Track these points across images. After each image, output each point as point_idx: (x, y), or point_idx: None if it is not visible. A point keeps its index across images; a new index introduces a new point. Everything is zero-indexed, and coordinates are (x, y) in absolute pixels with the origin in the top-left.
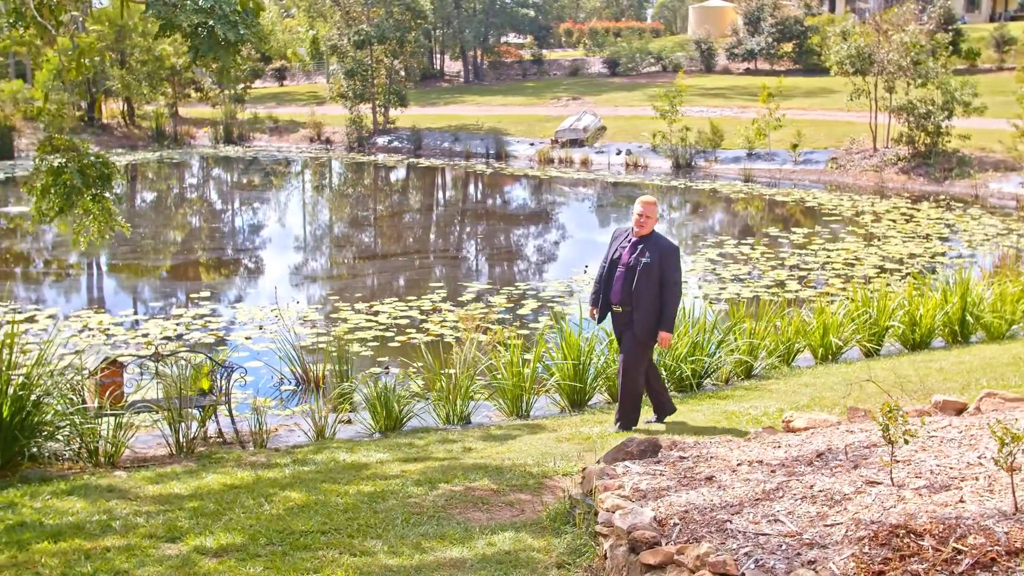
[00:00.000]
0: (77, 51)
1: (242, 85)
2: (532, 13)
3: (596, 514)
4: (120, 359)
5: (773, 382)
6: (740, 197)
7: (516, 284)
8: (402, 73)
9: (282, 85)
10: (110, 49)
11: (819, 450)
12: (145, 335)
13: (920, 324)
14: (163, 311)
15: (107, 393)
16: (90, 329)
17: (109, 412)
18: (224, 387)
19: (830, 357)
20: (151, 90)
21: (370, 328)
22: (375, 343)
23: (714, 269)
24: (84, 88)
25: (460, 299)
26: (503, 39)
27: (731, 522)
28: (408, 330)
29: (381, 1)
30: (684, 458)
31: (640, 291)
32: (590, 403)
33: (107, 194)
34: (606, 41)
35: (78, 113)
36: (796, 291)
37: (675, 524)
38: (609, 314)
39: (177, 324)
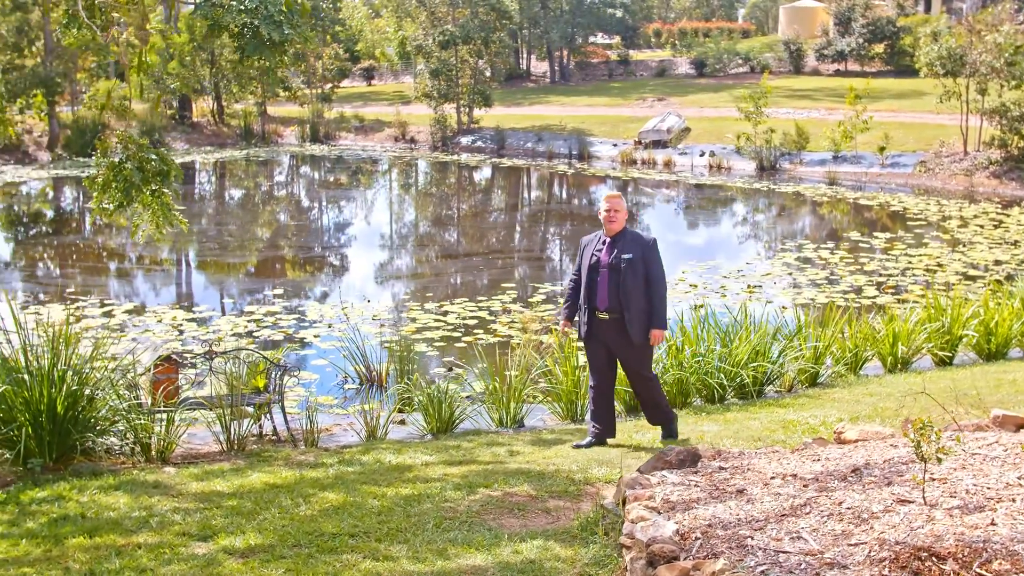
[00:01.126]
0: (137, 49)
1: (329, 85)
2: (620, 13)
3: (623, 524)
4: (175, 356)
5: (837, 391)
6: (823, 200)
7: None
8: (487, 73)
9: (370, 84)
10: (202, 48)
11: (856, 465)
12: (217, 331)
13: (996, 333)
14: (238, 308)
15: (161, 389)
16: (163, 324)
17: (159, 409)
18: (277, 386)
19: (900, 366)
20: (240, 89)
21: (438, 328)
22: (441, 343)
23: (791, 273)
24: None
25: (531, 300)
26: (590, 39)
27: (752, 538)
28: (476, 331)
29: (467, 1)
30: (724, 468)
31: (629, 291)
32: None
33: (166, 189)
34: (694, 42)
35: (170, 111)
36: (874, 297)
37: (696, 538)
38: (587, 327)
39: (248, 321)
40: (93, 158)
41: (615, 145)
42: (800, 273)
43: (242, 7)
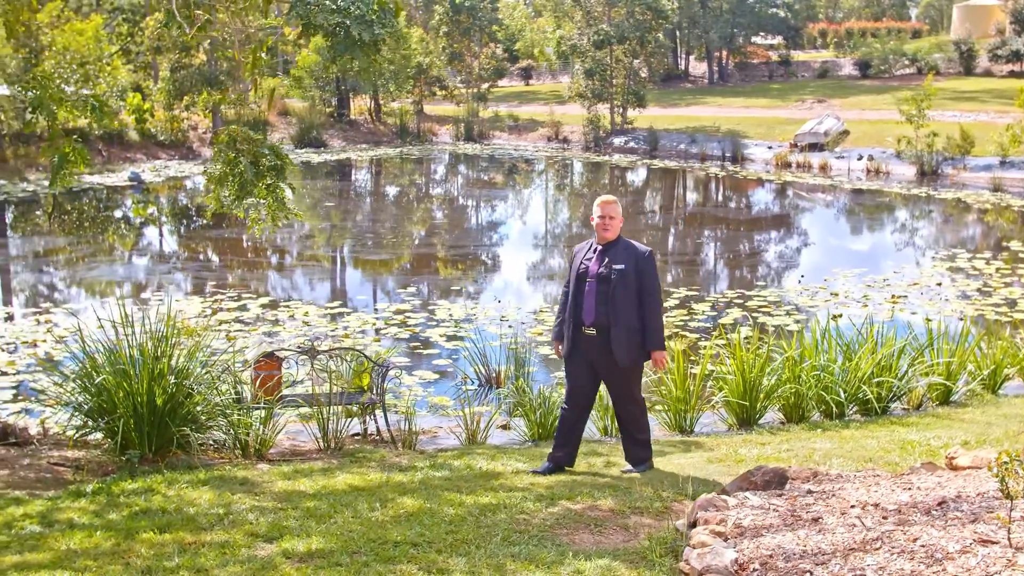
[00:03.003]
0: (253, 47)
1: (486, 84)
2: (782, 13)
3: (685, 549)
4: (278, 353)
5: (970, 411)
6: (985, 208)
7: (724, 292)
8: (643, 73)
9: (527, 84)
10: None
11: (944, 497)
12: (345, 327)
13: None
14: (372, 304)
15: (262, 386)
16: (295, 320)
17: (256, 405)
18: (379, 386)
19: None
20: (397, 88)
21: None
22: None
23: (939, 283)
24: (335, 87)
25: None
26: (751, 40)
27: (812, 573)
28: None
29: (623, 1)
30: (811, 492)
31: (618, 304)
32: (760, 421)
33: (281, 184)
34: (859, 42)
35: (328, 110)
36: None
37: (755, 570)
38: (571, 343)
39: (378, 318)
40: (212, 152)
41: (770, 148)
42: (952, 284)
43: (334, 6)
